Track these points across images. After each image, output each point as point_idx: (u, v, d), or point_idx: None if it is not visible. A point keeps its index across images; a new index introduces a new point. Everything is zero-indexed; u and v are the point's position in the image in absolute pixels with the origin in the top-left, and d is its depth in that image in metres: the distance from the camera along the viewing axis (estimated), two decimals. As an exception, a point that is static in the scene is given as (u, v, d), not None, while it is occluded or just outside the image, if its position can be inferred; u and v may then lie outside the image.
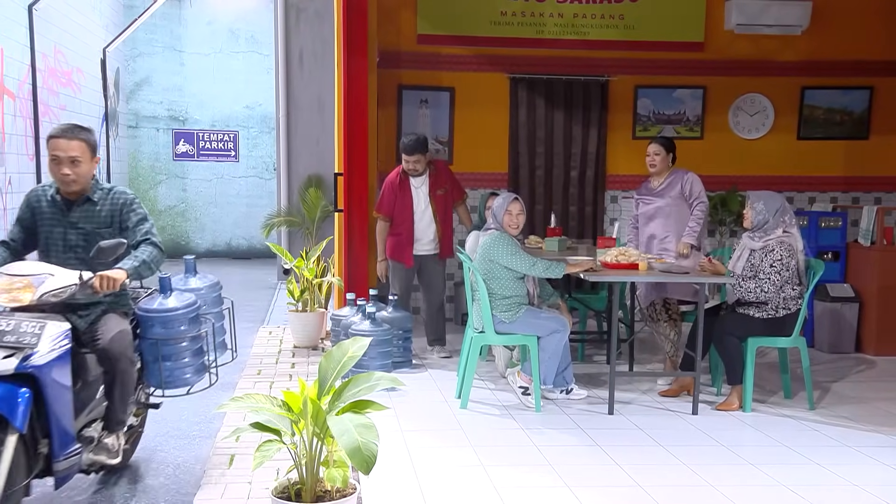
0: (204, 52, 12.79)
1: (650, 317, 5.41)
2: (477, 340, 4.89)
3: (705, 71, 7.60)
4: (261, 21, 12.41)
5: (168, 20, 12.65)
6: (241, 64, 12.78)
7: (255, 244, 12.85)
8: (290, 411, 2.70)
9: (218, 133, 12.92)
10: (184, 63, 12.80)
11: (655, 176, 5.40)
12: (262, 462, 2.62)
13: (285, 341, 6.61)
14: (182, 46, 12.75)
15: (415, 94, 7.47)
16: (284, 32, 9.42)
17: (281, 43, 9.45)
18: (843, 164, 7.81)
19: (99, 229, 3.53)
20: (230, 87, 12.77)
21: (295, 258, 6.51)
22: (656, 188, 5.38)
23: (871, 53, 7.62)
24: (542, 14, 7.43)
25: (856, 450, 4.14)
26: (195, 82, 12.79)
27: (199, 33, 12.75)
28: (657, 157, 5.34)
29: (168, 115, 12.88)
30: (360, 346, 2.81)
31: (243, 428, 2.77)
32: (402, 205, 6.00)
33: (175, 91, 12.83)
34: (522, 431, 4.38)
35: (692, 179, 5.30)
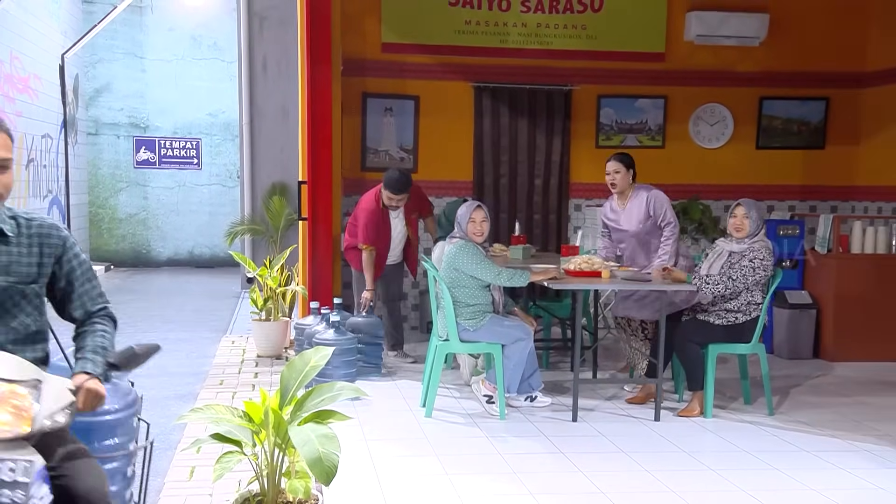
0: (166, 59, 12.67)
1: (625, 331, 5.44)
2: (441, 349, 4.89)
3: (666, 81, 7.71)
4: (223, 28, 12.33)
5: (129, 26, 12.51)
6: (203, 71, 12.68)
7: (218, 253, 12.73)
8: (252, 422, 2.67)
9: (180, 140, 12.79)
10: (145, 70, 12.66)
11: (619, 195, 5.33)
12: (223, 474, 2.59)
13: (248, 351, 6.54)
14: (143, 53, 12.62)
15: (379, 102, 7.47)
16: (248, 40, 9.37)
17: (244, 50, 9.40)
18: (800, 174, 7.97)
19: (18, 284, 2.32)
20: (192, 94, 12.65)
21: (258, 267, 6.46)
22: (622, 209, 5.31)
23: (827, 65, 7.80)
24: (506, 24, 7.49)
25: (814, 455, 4.22)
26: (157, 89, 12.65)
27: (160, 40, 12.62)
28: (617, 175, 5.22)
29: (129, 122, 12.72)
30: (323, 355, 2.80)
31: (203, 439, 2.73)
32: (383, 231, 6.02)
33: (136, 98, 12.68)
34: (486, 439, 4.39)
35: (657, 198, 5.20)
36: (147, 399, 5.13)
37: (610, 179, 5.23)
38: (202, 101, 12.71)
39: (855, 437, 4.49)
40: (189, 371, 6.01)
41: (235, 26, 9.97)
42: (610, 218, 5.38)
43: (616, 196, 5.32)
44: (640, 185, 5.29)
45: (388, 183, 5.91)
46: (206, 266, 12.84)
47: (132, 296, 9.74)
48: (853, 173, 7.94)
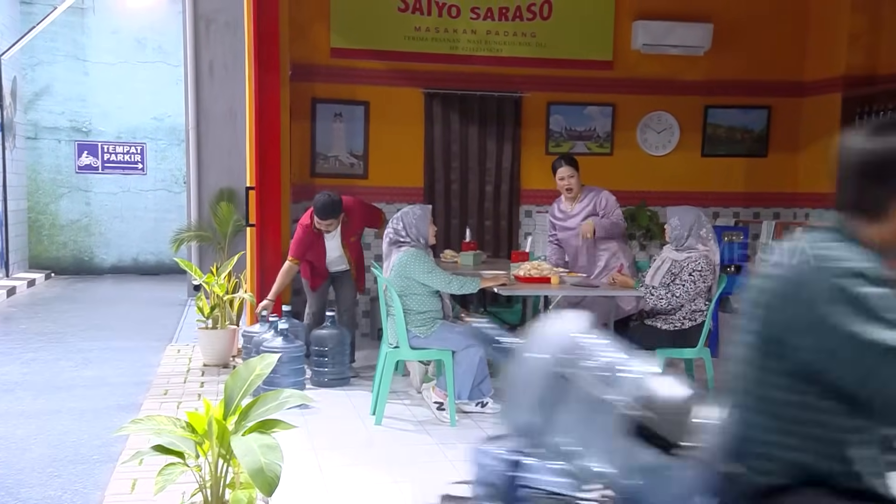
0: (109, 62, 12.41)
1: None
2: (391, 356, 4.87)
3: (614, 89, 7.83)
4: (169, 31, 12.13)
5: (70, 28, 12.23)
6: (148, 74, 12.45)
7: (163, 260, 12.50)
8: (195, 433, 2.63)
9: (124, 145, 12.54)
10: (87, 73, 12.38)
11: (571, 199, 5.38)
12: (165, 486, 2.54)
13: (194, 359, 6.43)
14: (85, 55, 12.34)
15: (329, 107, 7.43)
16: (194, 43, 9.24)
17: (190, 53, 9.27)
18: (744, 181, 8.16)
19: None
20: (137, 97, 12.42)
21: (205, 274, 6.36)
22: (572, 212, 5.36)
23: (769, 74, 8.01)
24: (456, 30, 7.52)
25: (757, 455, 4.31)
26: (99, 92, 12.38)
27: (103, 42, 12.36)
28: (572, 179, 5.26)
29: (70, 127, 12.42)
30: (268, 363, 2.76)
31: (145, 451, 2.68)
32: (315, 252, 5.92)
33: (78, 101, 12.39)
34: (437, 446, 4.38)
35: (607, 197, 5.29)
36: (87, 410, 5.05)
37: (565, 185, 5.29)
38: (147, 104, 12.48)
39: (796, 439, 4.60)
40: (132, 381, 5.88)
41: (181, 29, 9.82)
42: (558, 217, 5.45)
43: (563, 198, 5.39)
44: (590, 188, 5.37)
45: (314, 206, 5.76)
46: (152, 273, 12.60)
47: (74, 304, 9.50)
48: (794, 180, 8.16)
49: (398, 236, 4.91)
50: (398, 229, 4.92)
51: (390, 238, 4.93)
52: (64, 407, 5.17)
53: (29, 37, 10.67)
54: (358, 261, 6.13)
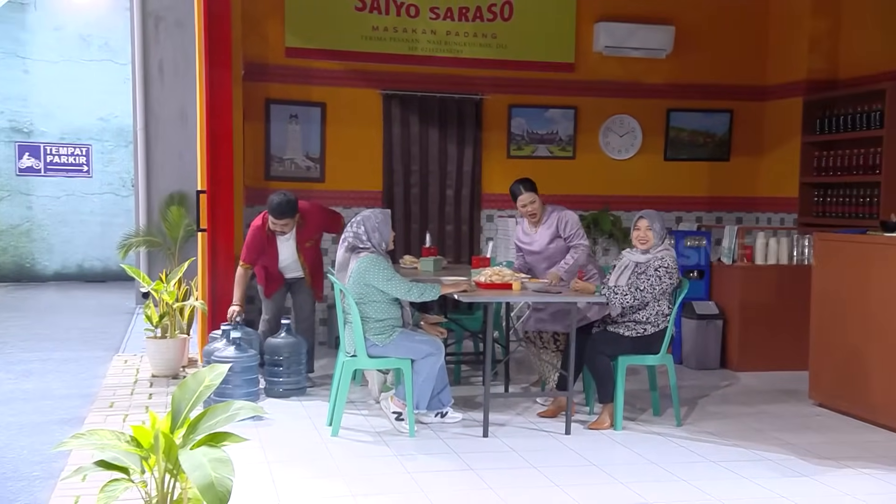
0: (51, 60, 12.16)
1: (535, 344, 5.51)
2: (349, 365, 4.85)
3: (576, 91, 7.91)
4: (115, 28, 11.94)
5: (9, 24, 11.96)
6: (94, 73, 12.23)
7: (110, 266, 12.27)
8: (140, 447, 2.58)
9: (68, 147, 12.30)
10: (28, 71, 12.12)
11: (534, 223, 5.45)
12: (109, 503, 2.49)
13: (143, 370, 6.33)
14: (26, 53, 12.08)
15: (284, 108, 7.38)
16: (142, 41, 9.11)
17: (138, 52, 9.14)
18: (706, 185, 8.30)
19: None
20: (82, 97, 12.19)
21: (154, 281, 6.27)
22: (536, 235, 5.42)
23: (731, 78, 8.17)
24: (415, 30, 7.53)
25: (719, 465, 4.38)
26: (42, 92, 12.13)
27: (45, 39, 12.11)
28: (533, 204, 5.31)
29: (10, 127, 12.15)
30: (218, 373, 2.73)
31: (88, 467, 2.62)
32: (268, 255, 5.86)
33: (18, 101, 12.12)
34: (396, 458, 4.37)
35: (569, 219, 5.30)
36: (28, 425, 4.93)
37: (528, 211, 5.34)
38: (92, 104, 12.25)
39: (759, 447, 4.69)
40: (76, 393, 5.76)
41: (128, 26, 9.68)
42: (523, 241, 5.50)
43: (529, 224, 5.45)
44: (553, 207, 5.42)
45: (268, 206, 5.70)
46: (98, 280, 12.38)
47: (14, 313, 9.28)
48: (756, 185, 8.32)
49: (357, 241, 4.88)
50: (358, 234, 4.89)
51: (349, 243, 4.90)
52: (2, 421, 5.05)
53: (-34, 32, 10.42)
54: (314, 267, 6.07)
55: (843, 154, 7.33)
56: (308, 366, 5.90)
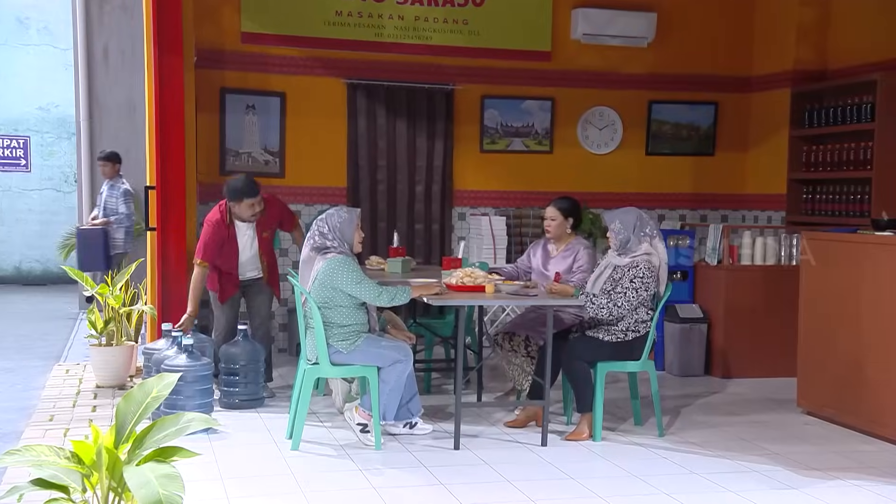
0: (-14, 44, 11.99)
1: (503, 347, 5.51)
2: (310, 373, 4.82)
3: (553, 82, 7.94)
4: (55, 10, 11.81)
5: (-59, 4, 11.77)
6: (31, 59, 12.09)
7: (51, 268, 12.13)
8: (81, 464, 2.54)
9: (4, 138, 12.14)
10: (-39, 55, 11.93)
11: (554, 240, 5.48)
12: (47, 525, 2.45)
13: (86, 380, 6.26)
14: (-41, 36, 11.89)
15: (240, 98, 7.33)
16: (85, 24, 9.01)
17: (81, 36, 9.03)
18: (690, 181, 8.37)
19: None
20: (19, 84, 12.04)
21: (99, 284, 6.21)
22: (552, 255, 5.45)
23: (716, 68, 8.24)
24: (382, 15, 7.51)
25: (704, 477, 4.42)
26: (-25, 78, 11.95)
27: (-21, 21, 11.93)
28: (553, 222, 5.37)
29: (-60, 117, 11.95)
30: (167, 383, 2.69)
31: (23, 486, 2.58)
32: (227, 250, 5.81)
33: (-51, 88, 11.93)
34: (360, 473, 4.35)
35: (586, 253, 5.33)
36: (-42, 440, 4.83)
37: (547, 225, 5.44)
38: (30, 93, 12.10)
39: (745, 458, 4.73)
40: (12, 406, 5.68)
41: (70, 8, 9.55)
42: (538, 254, 5.48)
43: (550, 241, 5.46)
44: (579, 240, 5.44)
45: (231, 191, 5.66)
46: (37, 283, 12.23)
47: (-56, 320, 9.12)
48: (743, 181, 8.41)
49: (324, 240, 4.83)
50: (324, 233, 4.84)
51: (314, 242, 4.84)
52: (-69, 437, 4.95)
53: None
54: (272, 262, 6.04)
55: (832, 149, 7.43)
56: (266, 374, 5.85)
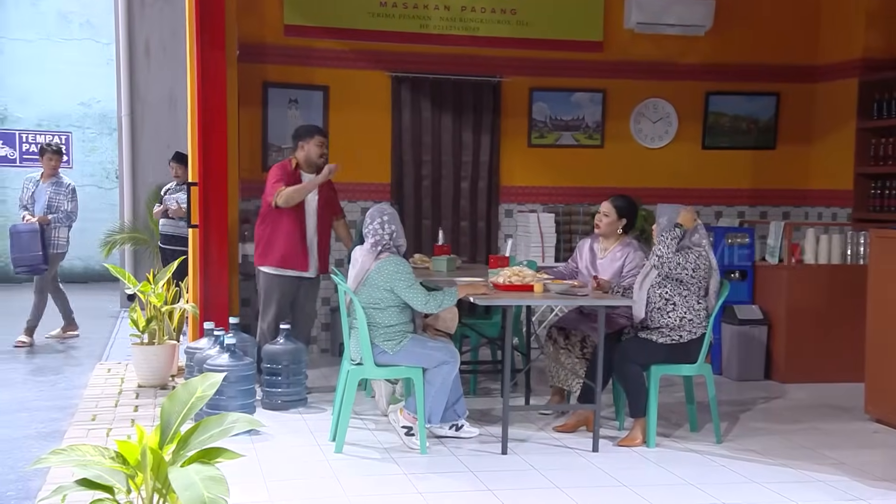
0: (27, 39, 12.27)
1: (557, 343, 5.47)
2: (354, 374, 4.86)
3: (605, 73, 7.88)
4: (97, 4, 12.03)
5: (-17, 0, 12.08)
6: (74, 53, 12.33)
7: (92, 266, 12.37)
8: (126, 464, 2.60)
9: (46, 134, 12.40)
10: (2, 51, 12.24)
11: (603, 238, 5.46)
12: (91, 526, 2.52)
13: (128, 380, 6.39)
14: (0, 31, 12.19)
15: (282, 92, 7.40)
16: (127, 18, 9.18)
17: (123, 30, 9.21)
18: (750, 176, 8.25)
19: None
20: (61, 80, 12.29)
21: (140, 282, 6.32)
22: (601, 255, 5.44)
23: (777, 57, 8.11)
24: (427, 6, 7.53)
25: (765, 487, 4.36)
26: (16, 74, 12.23)
27: (20, 16, 12.22)
28: (606, 218, 5.35)
29: (-17, 113, 12.26)
30: (211, 383, 2.74)
31: (68, 486, 2.65)
32: (296, 204, 5.87)
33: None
34: (405, 477, 4.38)
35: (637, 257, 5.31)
36: (2, 439, 4.97)
37: (597, 219, 5.45)
38: (73, 88, 12.34)
39: (809, 467, 4.66)
40: (55, 405, 5.81)
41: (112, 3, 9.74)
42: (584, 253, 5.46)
43: (600, 238, 5.44)
44: (630, 241, 5.41)
45: (303, 129, 6.07)
46: (78, 281, 12.45)
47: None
48: (806, 176, 8.26)
49: (387, 240, 4.82)
50: (392, 232, 4.87)
51: (377, 239, 4.82)
52: (-25, 436, 5.10)
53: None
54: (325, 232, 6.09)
55: (903, 141, 7.28)
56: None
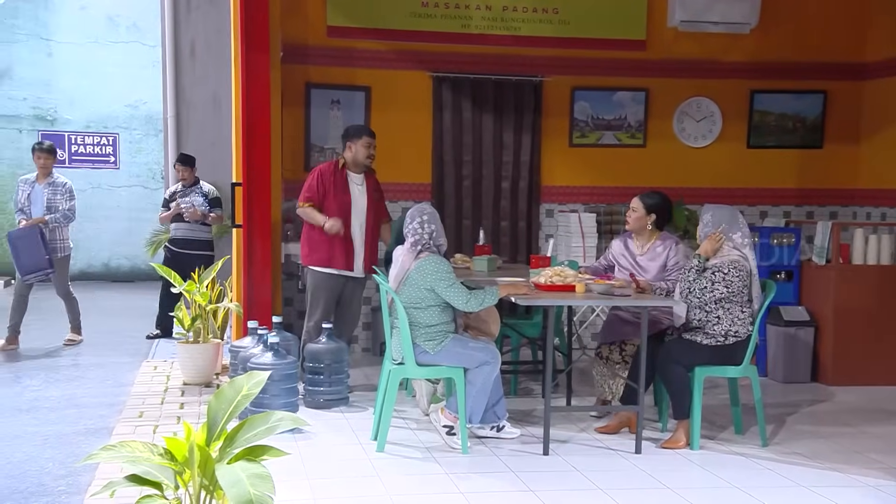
0: (77, 42, 12.49)
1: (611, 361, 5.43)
2: (395, 373, 4.89)
3: (647, 72, 7.83)
4: (144, 7, 12.21)
5: (32, 4, 12.32)
6: (121, 56, 12.53)
7: (138, 265, 12.56)
8: (174, 460, 2.65)
9: (94, 135, 12.62)
10: (52, 54, 12.47)
11: (636, 235, 5.43)
12: (140, 521, 2.56)
13: (173, 378, 6.47)
14: (49, 34, 12.43)
15: (325, 93, 7.46)
16: (173, 21, 9.29)
17: (169, 33, 9.32)
18: (796, 176, 8.14)
19: None
20: (108, 82, 12.48)
21: (186, 281, 6.40)
22: (638, 253, 5.40)
23: (825, 55, 7.99)
24: (468, 7, 7.54)
25: (810, 490, 4.30)
26: (66, 76, 12.46)
27: (70, 19, 12.45)
28: (633, 214, 5.34)
29: (33, 115, 12.51)
30: (257, 382, 2.78)
31: (118, 482, 2.70)
32: (340, 201, 5.91)
33: (41, 86, 12.48)
34: (447, 477, 4.39)
35: (678, 251, 5.29)
36: (52, 435, 5.08)
37: (626, 215, 5.45)
38: (120, 90, 12.54)
39: (858, 471, 4.59)
40: (103, 402, 5.91)
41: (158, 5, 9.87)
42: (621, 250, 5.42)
43: (634, 236, 5.41)
44: (667, 236, 5.38)
45: (353, 129, 6.05)
46: (125, 280, 12.66)
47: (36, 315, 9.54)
48: (854, 175, 8.14)
49: (428, 240, 4.85)
50: (432, 231, 4.89)
51: (418, 238, 4.85)
52: (25, 431, 5.20)
53: (-13, 14, 10.75)
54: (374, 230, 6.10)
55: (954, 140, 7.13)
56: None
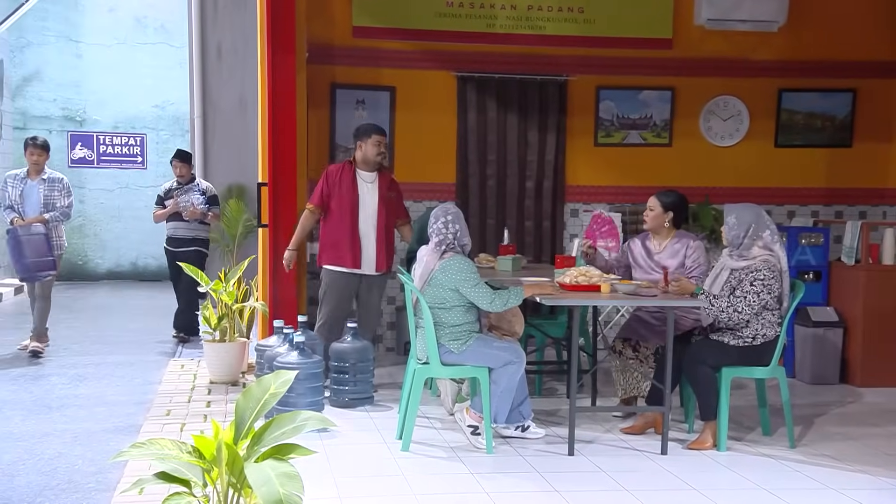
0: (105, 43, 12.63)
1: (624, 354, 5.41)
2: (420, 373, 4.90)
3: (674, 71, 7.79)
4: (171, 9, 12.32)
5: (62, 6, 12.47)
6: (148, 57, 12.64)
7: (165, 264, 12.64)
8: (202, 458, 2.67)
9: (122, 136, 12.75)
10: (81, 55, 12.61)
11: (653, 234, 5.41)
12: (169, 518, 2.59)
13: (200, 376, 6.52)
14: (79, 36, 12.57)
15: (350, 93, 7.49)
16: (200, 22, 9.37)
17: (196, 34, 9.40)
18: (824, 175, 8.07)
19: None
20: (136, 83, 12.61)
21: (212, 280, 6.45)
22: (656, 252, 5.38)
23: (854, 53, 7.91)
24: (493, 6, 7.54)
25: (839, 492, 4.26)
26: (95, 78, 12.60)
27: (99, 21, 12.58)
28: (651, 212, 5.32)
29: (62, 116, 12.66)
30: (284, 381, 2.80)
31: (147, 479, 2.72)
32: (347, 201, 5.92)
33: (71, 87, 12.62)
34: (472, 476, 4.40)
35: (696, 248, 5.28)
36: (82, 432, 5.14)
37: (644, 215, 5.42)
38: (147, 91, 12.66)
39: (887, 474, 4.54)
40: (131, 400, 5.98)
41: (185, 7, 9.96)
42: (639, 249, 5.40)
43: (651, 235, 5.39)
44: (684, 234, 5.36)
45: (363, 127, 6.03)
46: (152, 279, 12.77)
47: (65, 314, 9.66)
48: (884, 174, 8.06)
49: (452, 239, 4.85)
50: (454, 232, 4.88)
51: (442, 238, 4.86)
52: (55, 429, 5.27)
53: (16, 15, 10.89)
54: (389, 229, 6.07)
55: None
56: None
